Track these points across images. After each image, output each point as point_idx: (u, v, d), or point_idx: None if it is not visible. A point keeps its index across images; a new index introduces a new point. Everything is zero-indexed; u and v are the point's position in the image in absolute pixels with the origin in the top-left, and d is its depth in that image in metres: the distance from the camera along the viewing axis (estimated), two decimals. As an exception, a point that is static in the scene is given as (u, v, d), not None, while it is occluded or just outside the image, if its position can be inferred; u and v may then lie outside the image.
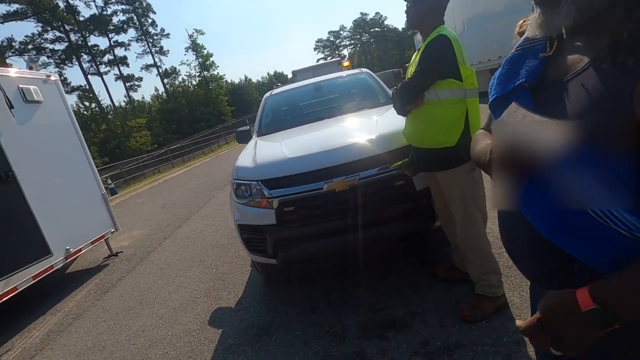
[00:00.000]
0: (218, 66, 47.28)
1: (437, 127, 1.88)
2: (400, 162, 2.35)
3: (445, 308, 2.22)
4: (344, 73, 4.86)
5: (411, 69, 1.99)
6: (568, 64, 0.65)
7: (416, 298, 2.39)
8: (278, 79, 64.56)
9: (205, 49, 44.01)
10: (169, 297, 3.44)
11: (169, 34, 45.86)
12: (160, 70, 45.63)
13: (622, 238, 0.56)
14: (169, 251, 4.90)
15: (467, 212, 1.96)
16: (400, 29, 76.30)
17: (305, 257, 2.48)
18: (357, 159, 2.37)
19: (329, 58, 71.46)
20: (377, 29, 76.77)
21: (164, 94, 44.50)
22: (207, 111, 40.85)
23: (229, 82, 51.39)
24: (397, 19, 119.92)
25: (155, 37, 44.75)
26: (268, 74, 76.26)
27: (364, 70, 4.42)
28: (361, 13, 76.00)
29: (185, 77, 47.12)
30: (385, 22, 76.81)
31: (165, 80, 45.91)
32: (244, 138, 3.94)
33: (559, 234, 0.63)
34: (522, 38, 0.77)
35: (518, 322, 0.65)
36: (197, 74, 44.92)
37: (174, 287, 3.63)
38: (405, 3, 1.92)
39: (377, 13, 77.30)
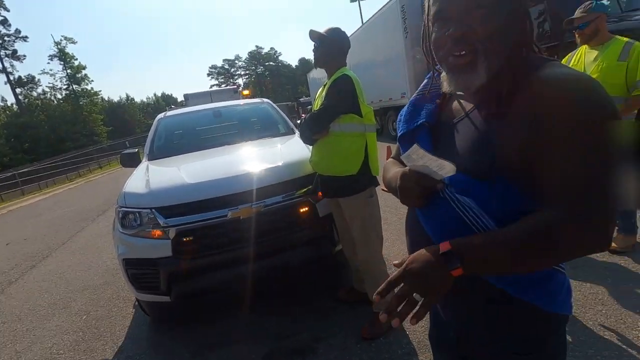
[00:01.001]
0: (92, 80, 41.22)
1: (341, 157, 2.05)
2: (304, 190, 2.45)
3: (347, 329, 2.32)
4: (243, 102, 4.90)
5: (317, 102, 2.15)
6: (455, 110, 0.82)
7: (320, 322, 2.43)
8: (166, 101, 60.60)
9: (76, 59, 38.59)
10: (17, 357, 2.71)
11: (26, 36, 38.37)
12: (12, 78, 37.77)
13: None
14: (17, 299, 3.89)
15: (366, 234, 2.14)
16: (293, 66, 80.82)
17: (204, 290, 2.30)
18: (264, 186, 2.37)
19: (223, 85, 70.65)
20: (271, 63, 79.79)
21: (14, 105, 36.81)
22: (76, 130, 35.21)
23: (107, 99, 45.78)
24: (290, 56, 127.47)
25: (6, 38, 37.15)
26: (155, 94, 71.05)
27: (265, 100, 4.52)
28: (256, 46, 78.48)
29: (47, 89, 40.04)
30: (280, 58, 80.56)
31: (19, 90, 38.11)
32: (131, 161, 3.54)
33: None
34: (422, 84, 0.94)
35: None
36: (65, 87, 38.76)
37: (26, 344, 2.88)
38: (313, 43, 2.11)
39: (272, 48, 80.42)
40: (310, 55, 2.16)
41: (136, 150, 3.76)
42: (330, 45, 2.10)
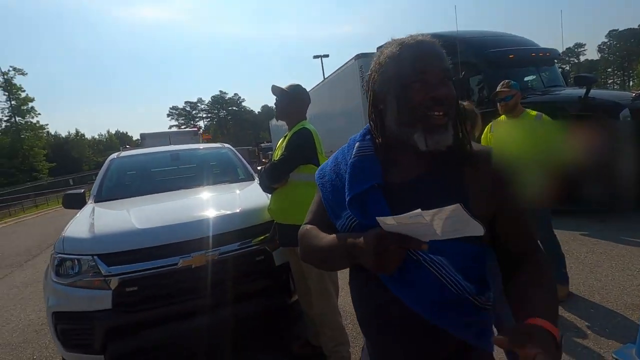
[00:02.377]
0: (39, 114, 38.24)
1: (299, 206, 2.07)
2: (262, 237, 2.42)
3: (300, 388, 2.19)
4: (202, 146, 4.88)
5: (278, 152, 2.22)
6: (404, 170, 0.85)
7: (272, 381, 2.28)
8: (120, 139, 58.36)
9: (23, 91, 36.57)
10: None
11: (-33, 65, 35.99)
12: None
13: (469, 305, 0.77)
14: None
15: (323, 284, 2.13)
16: (256, 112, 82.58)
17: (146, 347, 2.10)
18: (219, 233, 2.30)
19: (183, 127, 69.90)
20: (234, 108, 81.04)
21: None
22: (12, 165, 32.46)
23: (53, 134, 43.09)
24: (254, 102, 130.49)
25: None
26: (108, 132, 68.27)
27: (226, 145, 4.53)
28: (220, 91, 79.66)
29: (-18, 120, 37.00)
30: (243, 104, 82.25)
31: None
32: (75, 203, 3.30)
33: (426, 308, 0.77)
34: (356, 147, 0.91)
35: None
36: (6, 119, 36.17)
37: None
38: (275, 97, 2.23)
39: (235, 94, 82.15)
40: (272, 103, 2.27)
41: (82, 191, 3.54)
42: (291, 101, 2.22)
